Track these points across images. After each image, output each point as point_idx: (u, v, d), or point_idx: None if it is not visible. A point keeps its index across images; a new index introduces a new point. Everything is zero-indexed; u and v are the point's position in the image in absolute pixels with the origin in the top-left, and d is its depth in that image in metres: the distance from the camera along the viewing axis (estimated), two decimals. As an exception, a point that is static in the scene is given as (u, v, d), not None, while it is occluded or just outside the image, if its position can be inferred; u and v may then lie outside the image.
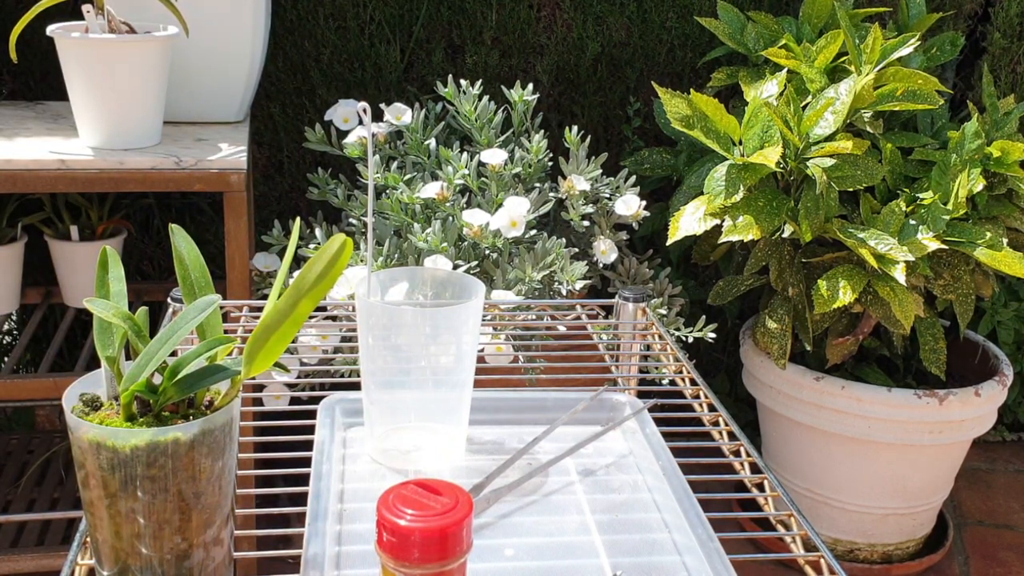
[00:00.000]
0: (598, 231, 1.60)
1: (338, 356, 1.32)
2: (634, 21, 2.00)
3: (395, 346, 0.77)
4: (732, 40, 1.81)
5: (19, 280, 1.70)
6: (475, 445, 0.83)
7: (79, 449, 0.57)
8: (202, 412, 0.59)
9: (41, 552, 1.63)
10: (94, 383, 0.61)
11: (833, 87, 1.57)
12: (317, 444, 0.80)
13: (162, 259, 2.01)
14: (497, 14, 1.96)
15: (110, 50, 1.38)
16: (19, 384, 1.53)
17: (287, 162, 2.00)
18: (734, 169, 1.54)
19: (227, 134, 1.58)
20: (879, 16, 1.98)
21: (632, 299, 1.12)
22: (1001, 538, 2.00)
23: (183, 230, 0.64)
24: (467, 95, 1.63)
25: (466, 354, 0.78)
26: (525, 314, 1.35)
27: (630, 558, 0.71)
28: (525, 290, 1.46)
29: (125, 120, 1.44)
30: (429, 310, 0.80)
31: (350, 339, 1.24)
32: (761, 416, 1.93)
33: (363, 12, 1.92)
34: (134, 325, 0.58)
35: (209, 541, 0.60)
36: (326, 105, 1.93)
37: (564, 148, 1.67)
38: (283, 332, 0.56)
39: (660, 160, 1.87)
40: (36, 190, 1.45)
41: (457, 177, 1.55)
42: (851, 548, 1.88)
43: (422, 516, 0.51)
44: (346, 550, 0.70)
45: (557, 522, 0.75)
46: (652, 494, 0.79)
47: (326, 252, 0.54)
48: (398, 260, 1.49)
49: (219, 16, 1.57)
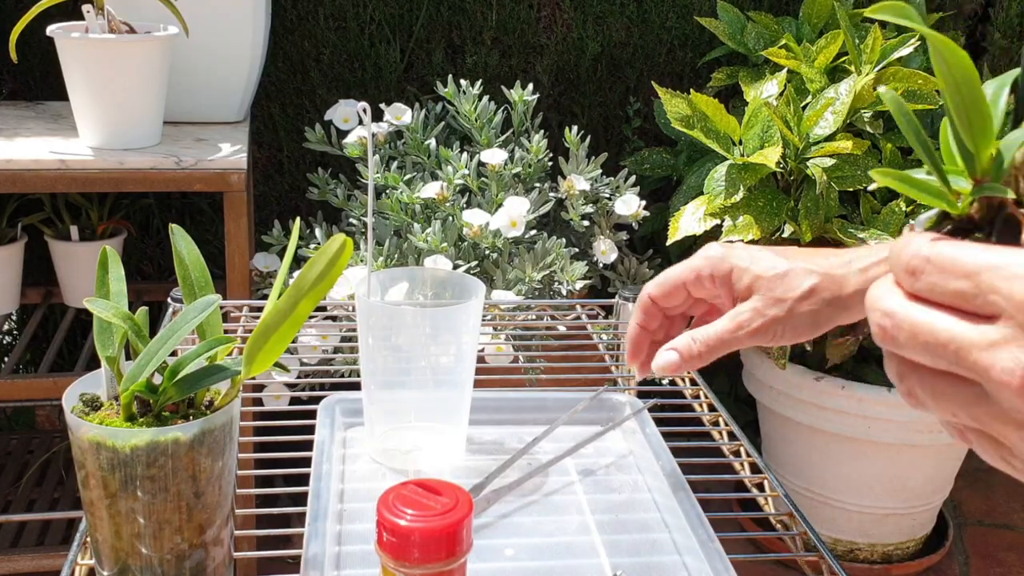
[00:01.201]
0: (598, 231, 1.60)
1: (338, 356, 1.32)
2: (634, 21, 2.00)
3: (395, 346, 0.77)
4: (732, 40, 1.81)
5: (19, 280, 1.70)
6: (475, 445, 0.84)
7: (79, 449, 0.57)
8: (202, 412, 0.59)
9: (41, 552, 1.63)
10: (94, 383, 0.61)
11: (833, 87, 1.57)
12: (317, 444, 0.80)
13: (162, 259, 2.01)
14: (497, 14, 1.96)
15: (110, 50, 1.38)
16: (19, 384, 1.53)
17: (287, 162, 2.00)
18: (734, 169, 1.54)
19: (227, 134, 1.58)
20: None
21: (632, 299, 1.12)
22: (1001, 538, 2.00)
23: (183, 230, 0.63)
24: (467, 95, 1.63)
25: (466, 354, 0.78)
26: (525, 314, 1.35)
27: (630, 558, 0.71)
28: (525, 290, 1.46)
29: (125, 120, 1.44)
30: (429, 310, 0.80)
31: (350, 339, 1.24)
32: (761, 416, 1.93)
33: (363, 12, 1.92)
34: (134, 325, 0.58)
35: (209, 541, 0.60)
36: (326, 105, 1.93)
37: (564, 148, 1.67)
38: (283, 332, 0.56)
39: (660, 160, 1.87)
40: (36, 190, 1.45)
41: (457, 177, 1.55)
42: (851, 548, 1.87)
43: (422, 516, 0.51)
44: (346, 550, 0.70)
45: (557, 522, 0.75)
46: (652, 494, 0.79)
47: (326, 252, 0.54)
48: (398, 260, 1.49)
49: (219, 16, 1.57)
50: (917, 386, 0.41)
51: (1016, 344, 0.37)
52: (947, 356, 0.39)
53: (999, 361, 0.37)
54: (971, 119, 0.40)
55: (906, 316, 0.40)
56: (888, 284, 0.42)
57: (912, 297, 0.41)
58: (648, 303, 0.75)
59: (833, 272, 0.70)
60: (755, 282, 0.71)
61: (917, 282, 0.40)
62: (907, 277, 0.41)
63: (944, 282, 0.39)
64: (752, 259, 0.72)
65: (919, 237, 0.41)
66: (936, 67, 0.39)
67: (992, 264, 0.38)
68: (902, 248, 0.41)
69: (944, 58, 0.38)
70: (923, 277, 0.40)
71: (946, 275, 0.39)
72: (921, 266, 0.40)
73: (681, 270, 0.74)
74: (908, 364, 0.42)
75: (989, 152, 0.40)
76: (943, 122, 0.43)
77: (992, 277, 0.38)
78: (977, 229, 0.42)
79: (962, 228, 0.42)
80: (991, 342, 0.38)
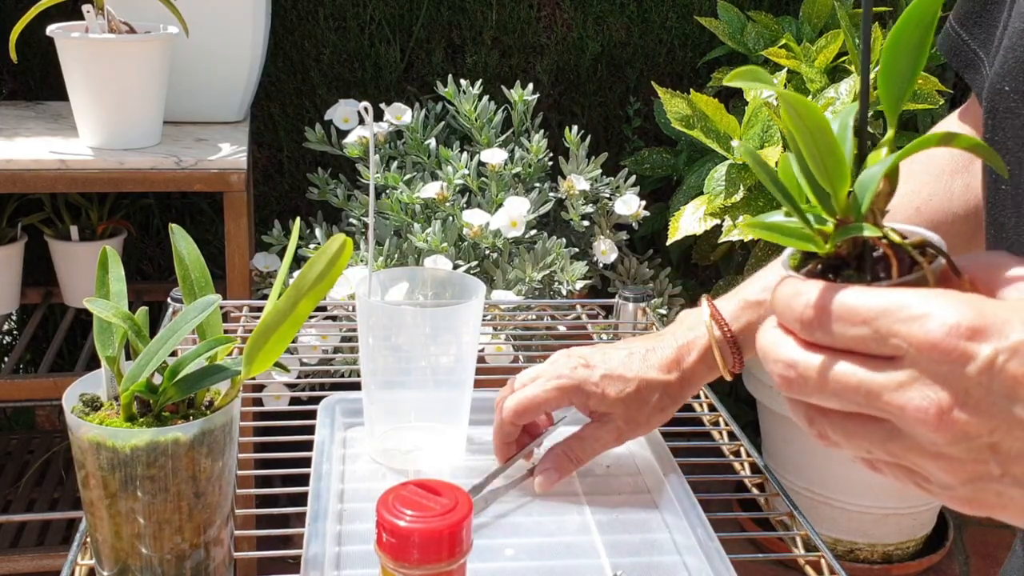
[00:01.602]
0: (598, 231, 1.60)
1: (338, 356, 1.32)
2: (634, 21, 2.00)
3: (395, 346, 0.77)
4: (732, 40, 1.81)
5: (19, 280, 1.70)
6: (475, 445, 0.83)
7: (79, 449, 0.57)
8: (202, 412, 0.59)
9: (41, 552, 1.63)
10: (94, 383, 0.61)
11: (833, 87, 1.57)
12: (317, 444, 0.80)
13: (162, 259, 2.01)
14: (497, 14, 1.96)
15: (110, 50, 1.38)
16: (19, 384, 1.53)
17: (287, 162, 2.00)
18: (734, 169, 1.54)
19: (227, 134, 1.58)
20: (879, 16, 1.98)
21: (632, 299, 1.12)
22: (1001, 538, 2.00)
23: (183, 230, 0.63)
24: (467, 95, 1.63)
25: (466, 354, 0.78)
26: (525, 314, 1.35)
27: (630, 558, 0.71)
28: (525, 290, 1.46)
29: (125, 120, 1.44)
30: (429, 310, 0.80)
31: (350, 339, 1.24)
32: (761, 416, 1.93)
33: (363, 12, 1.92)
34: (134, 325, 0.58)
35: (209, 541, 0.60)
36: (326, 105, 1.93)
37: (564, 148, 1.67)
38: (283, 332, 0.56)
39: (660, 160, 1.87)
40: (36, 190, 1.45)
41: (457, 177, 1.55)
42: (851, 548, 1.87)
43: (422, 517, 0.51)
44: (346, 550, 0.70)
45: (557, 522, 0.75)
46: (652, 494, 0.79)
47: (326, 252, 0.54)
48: (398, 260, 1.49)
49: (219, 16, 1.57)
50: (828, 428, 0.42)
51: (922, 383, 0.38)
52: (857, 400, 0.40)
53: (911, 400, 0.38)
54: (826, 163, 0.41)
55: (809, 365, 0.41)
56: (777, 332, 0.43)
57: (809, 345, 0.41)
58: (508, 427, 0.78)
59: (669, 379, 0.77)
60: (612, 408, 0.76)
61: (815, 333, 0.41)
62: (803, 328, 0.41)
63: (843, 330, 0.40)
64: (603, 382, 0.76)
65: (803, 284, 0.41)
66: (788, 118, 0.41)
67: (886, 308, 0.39)
68: (790, 298, 0.41)
69: (797, 112, 0.41)
70: (820, 327, 0.40)
71: (843, 323, 0.40)
72: (817, 317, 0.40)
73: (537, 398, 0.76)
74: (816, 409, 0.42)
75: (845, 192, 0.42)
76: (782, 162, 0.45)
77: (889, 321, 0.39)
78: (845, 265, 0.43)
79: (832, 265, 0.43)
80: (899, 383, 0.39)
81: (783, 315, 0.42)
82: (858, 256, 0.43)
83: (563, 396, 0.76)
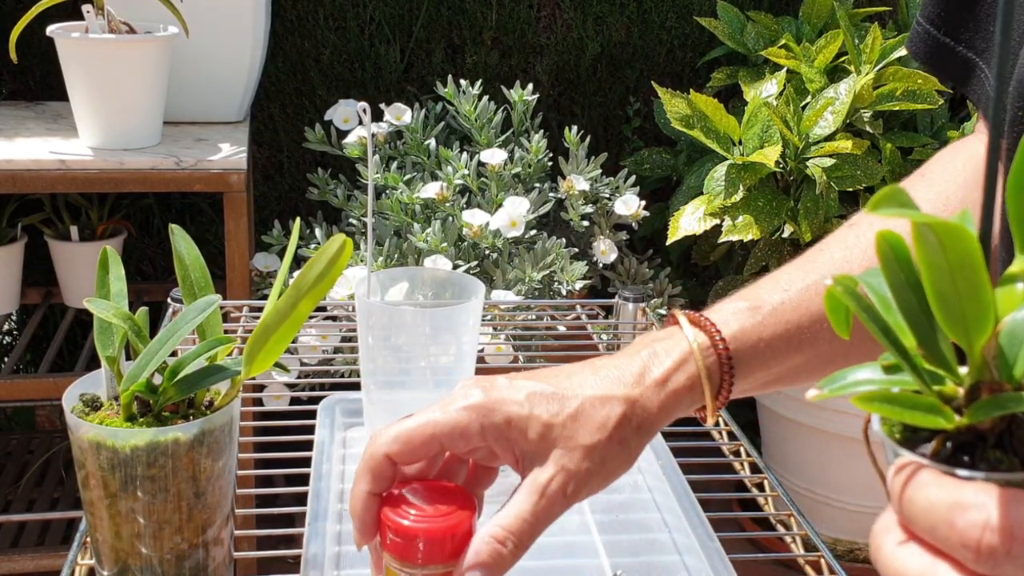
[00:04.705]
0: (598, 231, 1.60)
1: (338, 356, 1.32)
2: (634, 21, 2.00)
3: (395, 346, 0.77)
4: (732, 40, 1.81)
5: (19, 280, 1.70)
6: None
7: (79, 449, 0.57)
8: (202, 412, 0.59)
9: (41, 552, 1.63)
10: (94, 383, 0.61)
11: (833, 87, 1.57)
12: (317, 444, 0.80)
13: (162, 259, 2.00)
14: (497, 14, 1.96)
15: (110, 50, 1.38)
16: (19, 384, 1.53)
17: (287, 162, 2.00)
18: (734, 169, 1.54)
19: (227, 134, 1.58)
20: (879, 16, 1.97)
21: (632, 299, 1.12)
22: (1001, 538, 2.00)
23: (183, 230, 0.63)
24: (467, 95, 1.63)
25: (466, 354, 0.78)
26: (525, 314, 1.35)
27: (630, 558, 0.71)
28: (525, 290, 1.46)
29: (125, 120, 1.44)
30: (429, 310, 0.80)
31: (350, 339, 1.24)
32: (761, 416, 1.93)
33: (363, 12, 1.92)
34: (134, 325, 0.58)
35: (209, 541, 0.60)
36: (326, 105, 1.93)
37: (564, 148, 1.67)
38: (283, 332, 0.56)
39: (660, 160, 1.87)
40: (36, 190, 1.45)
41: (457, 177, 1.55)
42: (851, 548, 1.87)
43: (426, 516, 0.51)
44: (346, 550, 0.70)
45: (557, 522, 0.75)
46: (652, 494, 0.79)
47: (326, 252, 0.54)
48: (398, 260, 1.49)
49: (219, 16, 1.57)
50: None
51: None
52: None
53: None
54: (966, 309, 0.32)
55: None
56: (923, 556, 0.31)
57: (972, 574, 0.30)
58: (383, 464, 0.53)
59: (631, 394, 0.56)
60: (547, 431, 0.53)
61: (1002, 567, 0.29)
62: (979, 559, 0.30)
63: None
64: (529, 401, 0.54)
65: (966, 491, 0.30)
66: (922, 247, 0.33)
67: None
68: (949, 510, 0.30)
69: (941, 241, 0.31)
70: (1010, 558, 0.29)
71: None
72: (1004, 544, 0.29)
73: (434, 423, 0.53)
74: None
75: (982, 345, 0.33)
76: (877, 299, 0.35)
77: None
78: (980, 440, 0.34)
79: (967, 442, 0.34)
80: None
81: (938, 533, 0.30)
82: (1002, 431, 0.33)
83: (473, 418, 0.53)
